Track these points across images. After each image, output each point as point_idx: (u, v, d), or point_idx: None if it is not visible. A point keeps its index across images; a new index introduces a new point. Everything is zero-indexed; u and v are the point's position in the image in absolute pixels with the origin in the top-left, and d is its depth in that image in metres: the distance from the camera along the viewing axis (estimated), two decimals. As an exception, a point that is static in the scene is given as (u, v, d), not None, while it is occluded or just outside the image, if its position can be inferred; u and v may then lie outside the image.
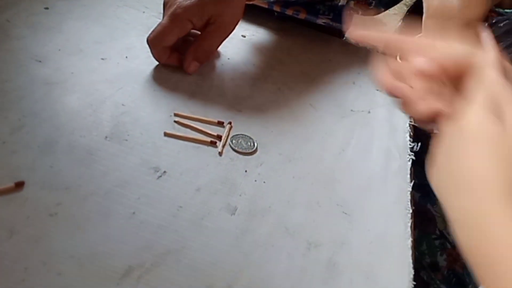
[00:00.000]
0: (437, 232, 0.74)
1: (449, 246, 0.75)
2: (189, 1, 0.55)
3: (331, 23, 0.72)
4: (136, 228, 0.39)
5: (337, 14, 0.74)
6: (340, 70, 0.71)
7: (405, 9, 0.85)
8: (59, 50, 0.56)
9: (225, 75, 0.62)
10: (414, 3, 0.83)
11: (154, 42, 0.56)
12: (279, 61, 0.68)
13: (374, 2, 0.79)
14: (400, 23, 0.88)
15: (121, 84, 0.54)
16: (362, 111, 0.63)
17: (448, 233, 0.73)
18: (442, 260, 0.75)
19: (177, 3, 0.56)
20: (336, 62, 0.72)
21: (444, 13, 0.57)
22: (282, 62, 0.68)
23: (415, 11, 0.80)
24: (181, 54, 0.59)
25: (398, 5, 0.83)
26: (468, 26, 0.56)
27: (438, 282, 0.75)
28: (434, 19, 0.57)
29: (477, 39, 0.57)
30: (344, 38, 0.88)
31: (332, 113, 0.61)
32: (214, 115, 0.54)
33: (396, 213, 0.49)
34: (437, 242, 0.76)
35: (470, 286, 0.77)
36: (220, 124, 0.53)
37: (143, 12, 0.68)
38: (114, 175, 0.43)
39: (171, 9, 0.55)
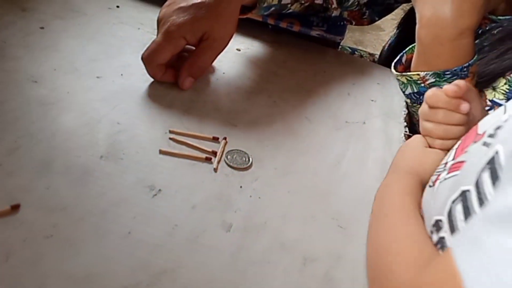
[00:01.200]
0: None
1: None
2: (182, 18, 0.56)
3: (325, 34, 0.73)
4: (131, 248, 0.40)
5: (331, 25, 0.75)
6: (335, 81, 0.71)
7: (402, 14, 0.85)
8: (55, 69, 0.57)
9: (220, 90, 0.62)
10: (411, 8, 0.84)
11: (148, 59, 0.57)
12: (274, 74, 0.69)
13: (367, 12, 0.79)
14: (397, 28, 0.88)
15: (116, 102, 0.55)
16: (357, 122, 0.63)
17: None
18: None
19: (171, 20, 0.56)
20: (331, 74, 0.72)
21: (437, 23, 0.57)
22: (277, 74, 0.69)
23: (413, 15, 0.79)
24: (176, 70, 0.59)
25: (395, 10, 0.84)
26: (462, 36, 0.56)
27: None
28: (427, 29, 0.58)
29: (471, 48, 0.57)
30: (340, 48, 0.88)
31: (327, 125, 0.62)
32: (209, 130, 0.54)
33: (392, 225, 0.49)
34: None
35: None
36: (215, 140, 0.53)
37: (138, 28, 0.69)
38: (110, 194, 0.44)
39: (165, 27, 0.56)
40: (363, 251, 0.46)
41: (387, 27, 0.84)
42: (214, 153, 0.51)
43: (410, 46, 0.63)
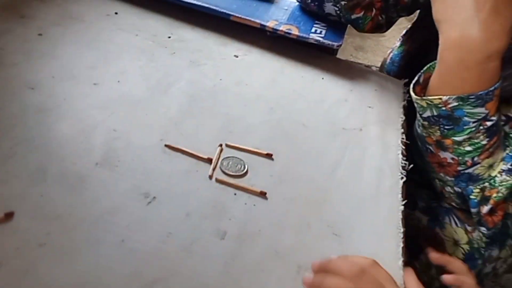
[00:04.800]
0: None
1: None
2: None
3: (322, 41, 0.73)
4: (124, 256, 0.40)
5: (329, 31, 0.75)
6: (333, 87, 0.71)
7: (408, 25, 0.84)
8: (53, 76, 0.57)
9: (217, 96, 0.63)
10: (416, 20, 0.83)
11: None
12: (271, 81, 0.69)
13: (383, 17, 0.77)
14: (402, 37, 0.88)
15: (113, 109, 0.55)
16: (354, 129, 0.63)
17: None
18: None
19: None
20: (328, 80, 0.72)
21: (465, 46, 0.53)
22: (275, 81, 0.69)
23: (420, 29, 0.78)
24: None
25: (400, 19, 0.83)
26: (489, 59, 0.53)
27: None
28: (453, 51, 0.55)
29: (497, 72, 0.55)
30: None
31: (324, 132, 0.62)
32: (205, 137, 0.54)
33: (388, 233, 0.50)
34: None
35: None
36: (212, 147, 0.53)
37: (136, 35, 0.69)
38: (104, 202, 0.44)
39: None
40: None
41: (388, 32, 0.83)
42: (210, 160, 0.51)
43: (428, 66, 0.60)
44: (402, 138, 0.63)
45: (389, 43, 2.04)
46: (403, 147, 0.62)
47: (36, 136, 0.48)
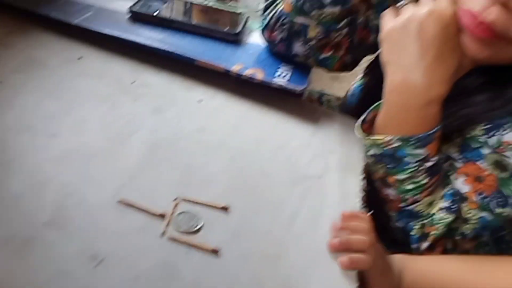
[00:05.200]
0: None
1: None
2: None
3: (285, 85, 0.73)
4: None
5: (294, 75, 0.76)
6: (296, 131, 0.71)
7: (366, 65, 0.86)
8: (9, 128, 0.57)
9: (178, 145, 0.62)
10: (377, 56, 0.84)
11: None
12: (235, 127, 0.69)
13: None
14: (362, 76, 0.89)
15: (68, 163, 0.54)
16: (314, 176, 0.64)
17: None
18: None
19: None
20: (292, 123, 0.73)
21: (406, 90, 0.57)
22: (238, 127, 0.69)
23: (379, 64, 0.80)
24: None
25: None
26: (430, 105, 0.57)
27: None
28: (395, 95, 0.58)
29: (438, 116, 0.58)
30: (307, 93, 0.89)
31: (285, 180, 0.62)
32: (162, 190, 0.54)
33: (343, 286, 0.49)
34: None
35: None
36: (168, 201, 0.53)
37: (99, 81, 0.69)
38: (50, 266, 0.43)
39: None
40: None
41: (364, 62, 0.83)
42: (163, 216, 0.51)
43: (376, 104, 0.63)
44: (362, 185, 0.64)
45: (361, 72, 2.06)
46: (363, 195, 0.62)
47: (-16, 195, 0.48)
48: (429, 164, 0.59)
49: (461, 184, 0.59)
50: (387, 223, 0.67)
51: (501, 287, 0.55)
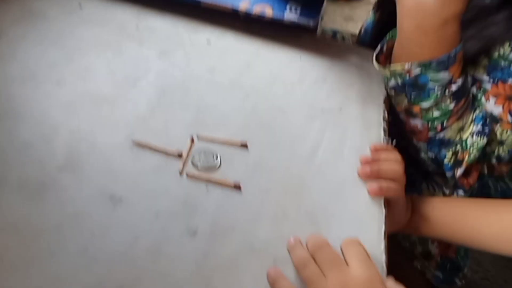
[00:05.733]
0: None
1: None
2: None
3: (297, 20, 0.69)
4: (88, 265, 0.38)
5: (305, 9, 0.72)
6: (310, 67, 0.68)
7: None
8: (12, 79, 0.55)
9: (188, 87, 0.60)
10: None
11: None
12: (246, 65, 0.66)
13: None
14: (373, 9, 0.85)
15: (77, 109, 0.52)
16: (334, 109, 0.61)
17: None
18: (434, 248, 0.74)
19: None
20: (306, 59, 0.69)
21: (420, 12, 0.53)
22: (250, 65, 0.66)
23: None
24: None
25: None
26: (447, 24, 0.53)
27: (432, 269, 0.74)
28: (409, 19, 0.54)
29: (457, 36, 0.54)
30: (321, 31, 0.85)
31: (302, 115, 0.59)
32: (176, 131, 0.52)
33: (370, 216, 0.48)
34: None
35: (465, 269, 0.76)
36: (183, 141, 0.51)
37: (102, 28, 0.66)
38: (66, 208, 0.42)
39: None
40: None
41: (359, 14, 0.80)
42: (180, 155, 0.49)
43: (390, 33, 0.59)
44: (384, 116, 0.61)
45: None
46: (385, 124, 0.60)
47: (-7, 144, 0.46)
48: (454, 87, 0.56)
49: (493, 105, 0.56)
50: (417, 156, 0.65)
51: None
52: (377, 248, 0.44)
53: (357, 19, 2.11)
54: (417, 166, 0.69)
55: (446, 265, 0.74)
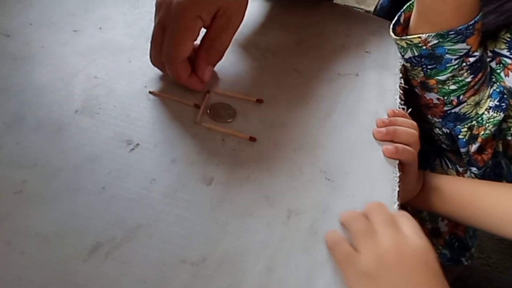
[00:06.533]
0: None
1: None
2: None
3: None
4: (106, 203, 0.38)
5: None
6: (328, 33, 0.68)
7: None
8: (30, 24, 0.54)
9: (205, 43, 0.59)
10: None
11: (170, 57, 0.46)
12: (263, 26, 0.65)
13: None
14: None
15: (94, 56, 0.52)
16: (350, 74, 0.60)
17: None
18: (443, 226, 0.73)
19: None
20: (324, 25, 0.69)
21: None
22: (267, 27, 0.65)
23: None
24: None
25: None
26: None
27: (440, 247, 0.74)
28: None
29: (476, 4, 0.53)
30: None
31: (318, 78, 0.59)
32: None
33: (383, 177, 0.48)
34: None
35: (473, 249, 0.76)
36: (198, 95, 0.51)
37: (119, -19, 0.65)
38: (84, 149, 0.42)
39: (173, 8, 0.44)
40: (350, 203, 0.44)
41: None
42: (196, 106, 0.49)
43: (408, 4, 0.58)
44: (400, 83, 0.60)
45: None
46: (401, 92, 0.59)
47: (12, 84, 0.46)
48: (471, 59, 0.55)
49: None
50: (431, 132, 0.65)
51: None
52: (390, 207, 0.44)
53: (369, 2, 2.08)
54: (430, 143, 0.68)
55: (454, 243, 0.74)
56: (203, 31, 0.48)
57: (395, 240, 0.37)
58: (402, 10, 0.59)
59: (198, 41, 0.48)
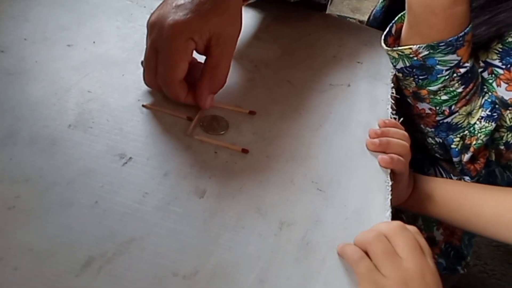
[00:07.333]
0: None
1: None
2: (184, 17, 0.44)
3: (309, -5, 0.70)
4: (98, 217, 0.38)
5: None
6: (320, 44, 0.68)
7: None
8: (24, 39, 0.55)
9: (197, 55, 0.60)
10: None
11: (168, 79, 0.46)
12: (256, 38, 0.66)
13: None
14: (380, 1, 0.84)
15: (87, 71, 0.53)
16: (342, 84, 0.61)
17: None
18: (438, 235, 0.74)
19: (171, 21, 0.44)
20: (316, 36, 0.70)
21: None
22: (259, 38, 0.66)
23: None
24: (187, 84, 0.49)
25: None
26: (455, 3, 0.52)
27: (436, 256, 0.74)
28: None
29: (466, 16, 0.54)
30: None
31: (310, 89, 0.59)
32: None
33: (375, 187, 0.48)
34: (432, 217, 0.75)
35: (468, 258, 0.76)
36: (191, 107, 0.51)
37: (113, -5, 0.66)
38: (77, 164, 0.42)
39: (165, 31, 0.44)
40: (342, 213, 0.44)
41: None
42: (190, 119, 0.49)
43: (400, 15, 0.59)
44: (392, 93, 0.61)
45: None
46: (393, 101, 0.60)
47: (6, 99, 0.46)
48: (462, 70, 0.56)
49: (504, 91, 0.56)
50: (424, 141, 0.65)
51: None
52: (382, 215, 0.45)
53: (364, 10, 2.10)
54: (424, 152, 0.69)
55: (449, 252, 0.74)
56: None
57: (419, 265, 0.38)
58: (393, 21, 0.60)
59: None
